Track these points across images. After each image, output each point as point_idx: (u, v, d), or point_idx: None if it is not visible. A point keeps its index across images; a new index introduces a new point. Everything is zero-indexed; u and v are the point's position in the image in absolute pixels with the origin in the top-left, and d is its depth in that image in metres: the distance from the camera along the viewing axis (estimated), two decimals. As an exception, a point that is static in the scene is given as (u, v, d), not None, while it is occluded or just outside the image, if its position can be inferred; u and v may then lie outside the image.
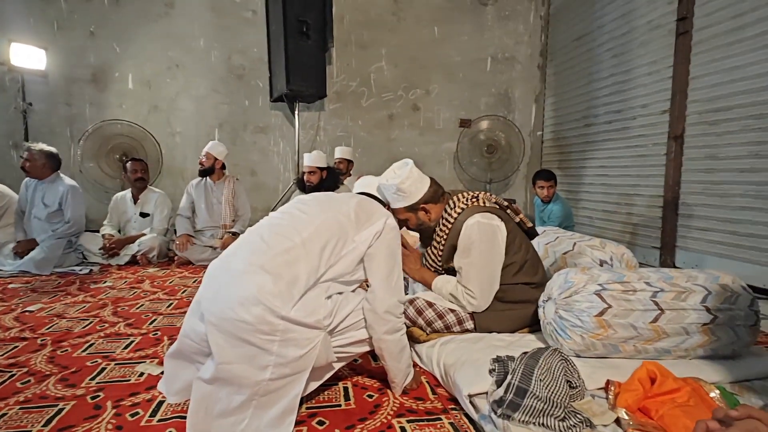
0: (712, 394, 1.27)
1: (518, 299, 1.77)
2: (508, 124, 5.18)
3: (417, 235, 1.94)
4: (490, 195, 1.85)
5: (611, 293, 1.48)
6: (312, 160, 3.53)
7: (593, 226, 4.45)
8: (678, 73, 3.37)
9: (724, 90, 3.03)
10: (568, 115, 4.92)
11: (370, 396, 1.48)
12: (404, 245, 1.83)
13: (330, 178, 3.60)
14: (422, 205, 1.79)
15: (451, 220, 1.77)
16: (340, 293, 1.40)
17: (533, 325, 1.79)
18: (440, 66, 5.20)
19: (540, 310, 1.66)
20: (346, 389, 1.53)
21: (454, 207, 1.79)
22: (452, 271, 1.84)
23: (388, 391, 1.51)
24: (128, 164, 3.83)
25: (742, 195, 2.91)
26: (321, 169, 3.54)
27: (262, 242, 1.35)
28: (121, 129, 4.47)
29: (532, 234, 1.91)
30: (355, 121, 5.08)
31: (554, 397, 1.21)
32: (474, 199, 1.80)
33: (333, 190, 3.60)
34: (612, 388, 1.31)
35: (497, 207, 1.81)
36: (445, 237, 1.80)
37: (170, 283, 3.07)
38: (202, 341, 1.28)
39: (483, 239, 1.70)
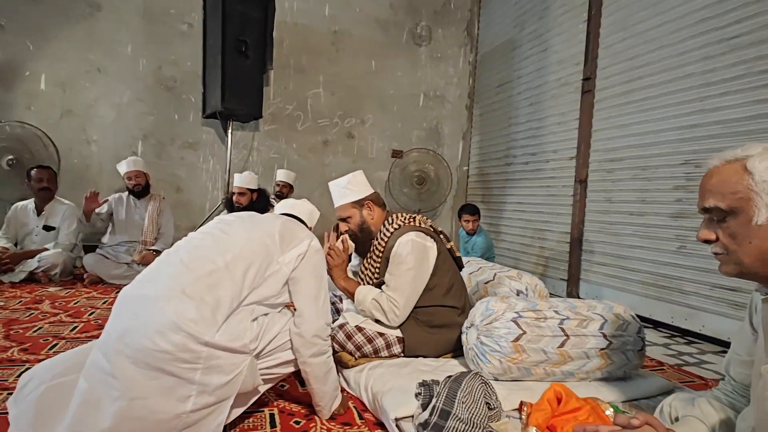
0: (607, 412, 1.43)
1: (444, 323, 1.88)
2: (438, 157, 5.48)
3: (353, 245, 1.99)
4: (426, 219, 1.98)
5: (526, 320, 1.64)
6: (243, 180, 3.46)
7: (511, 258, 4.79)
8: (582, 126, 3.84)
9: (618, 143, 3.49)
10: (491, 154, 5.33)
11: (297, 422, 1.48)
12: (334, 254, 1.90)
13: (260, 201, 3.55)
14: (367, 202, 1.93)
15: (389, 234, 1.88)
16: (265, 314, 1.38)
17: (457, 350, 1.90)
18: (375, 97, 5.40)
19: (463, 336, 1.77)
20: (272, 416, 1.51)
21: (392, 223, 1.91)
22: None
23: (316, 417, 1.51)
24: (33, 172, 3.48)
25: (631, 235, 3.33)
26: (251, 190, 3.49)
27: (181, 265, 1.29)
28: (12, 131, 4.03)
29: (459, 264, 2.04)
30: (289, 144, 5.08)
31: (474, 418, 1.30)
32: (411, 219, 1.93)
33: (262, 213, 3.55)
34: (525, 409, 1.44)
35: (431, 229, 1.93)
36: (381, 250, 1.90)
37: (75, 303, 2.80)
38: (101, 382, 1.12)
39: (414, 256, 1.79)
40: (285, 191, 4.19)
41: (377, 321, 1.85)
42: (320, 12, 5.11)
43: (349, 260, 2.06)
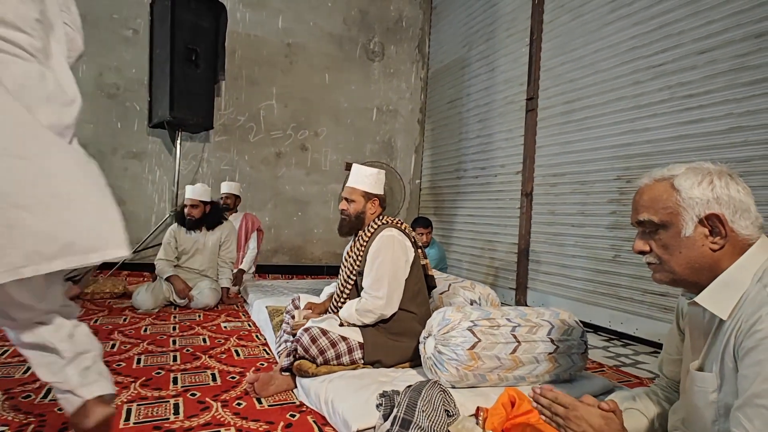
0: (556, 413, 1.53)
1: (404, 331, 1.94)
2: (391, 170, 5.56)
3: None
4: (411, 230, 2.09)
5: (481, 329, 1.71)
6: (195, 192, 3.35)
7: (462, 268, 4.94)
8: (527, 142, 4.06)
9: (559, 159, 3.73)
10: (443, 167, 5.50)
11: (257, 441, 1.45)
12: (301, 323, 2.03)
13: (213, 213, 3.45)
14: (375, 198, 2.06)
15: (374, 228, 2.02)
16: None
17: (414, 360, 1.94)
18: (329, 110, 5.43)
19: (421, 346, 1.82)
20: (230, 436, 1.48)
21: (381, 219, 2.06)
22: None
23: (277, 434, 1.49)
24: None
25: (573, 245, 3.56)
26: (204, 203, 3.38)
27: None
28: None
29: (431, 283, 2.15)
30: (241, 156, 4.98)
31: (435, 425, 1.34)
32: (399, 223, 2.06)
33: (216, 226, 3.46)
34: (481, 414, 1.50)
35: (413, 239, 2.06)
36: (366, 240, 2.01)
37: None
38: None
39: (394, 249, 1.92)
40: (230, 202, 4.09)
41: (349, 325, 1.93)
42: (273, 24, 5.10)
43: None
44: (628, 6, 3.19)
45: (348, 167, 5.48)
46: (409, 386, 1.49)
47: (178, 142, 4.40)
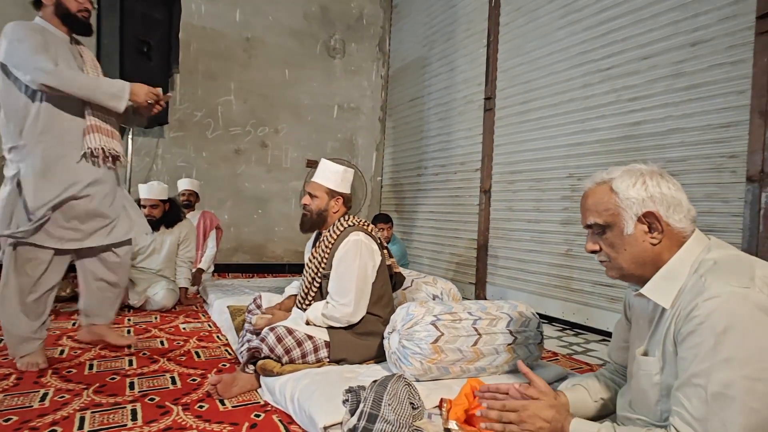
0: (514, 400, 1.60)
1: (370, 331, 1.95)
2: (353, 168, 5.56)
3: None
4: (377, 231, 2.09)
5: (443, 323, 1.76)
6: (153, 192, 3.20)
7: (423, 264, 5.02)
8: (486, 140, 4.18)
9: (516, 157, 3.87)
10: (404, 165, 5.56)
11: (222, 443, 1.43)
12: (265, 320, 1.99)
13: (173, 211, 3.33)
14: (338, 196, 2.04)
15: (341, 229, 1.99)
16: None
17: (379, 357, 1.97)
18: (290, 107, 5.35)
19: (385, 341, 1.85)
20: (193, 440, 1.45)
21: (347, 220, 2.04)
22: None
23: (242, 435, 1.48)
24: None
25: (528, 240, 3.71)
26: (163, 201, 3.26)
27: None
28: None
29: (399, 279, 2.17)
30: (198, 153, 4.82)
31: (401, 419, 1.38)
32: (365, 224, 2.05)
33: (176, 224, 3.34)
34: (445, 405, 1.54)
35: (379, 241, 2.06)
36: (332, 242, 1.99)
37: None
38: None
39: (361, 255, 1.91)
40: (192, 200, 3.97)
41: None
42: (230, 17, 4.96)
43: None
44: (578, 12, 3.34)
45: (309, 164, 5.43)
46: (375, 381, 1.51)
47: (130, 137, 4.20)
